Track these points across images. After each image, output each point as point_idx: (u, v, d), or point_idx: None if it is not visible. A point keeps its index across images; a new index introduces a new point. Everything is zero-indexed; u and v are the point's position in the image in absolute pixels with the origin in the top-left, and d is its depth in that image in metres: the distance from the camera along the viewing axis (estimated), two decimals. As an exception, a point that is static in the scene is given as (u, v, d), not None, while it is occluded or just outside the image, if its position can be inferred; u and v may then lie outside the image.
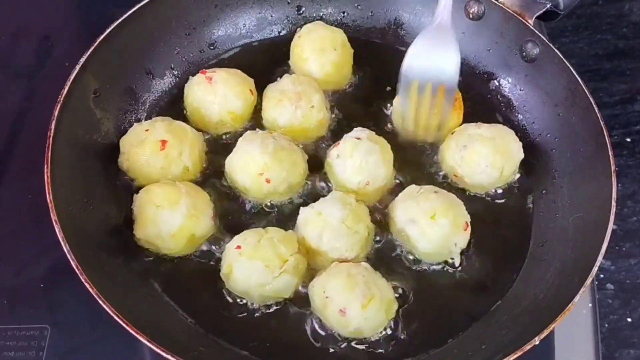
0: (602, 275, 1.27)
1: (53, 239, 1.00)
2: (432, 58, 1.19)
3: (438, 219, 1.10)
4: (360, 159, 1.16)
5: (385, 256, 1.16)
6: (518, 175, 1.26)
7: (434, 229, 1.10)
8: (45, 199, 1.02)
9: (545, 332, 0.96)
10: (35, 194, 1.25)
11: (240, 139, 1.20)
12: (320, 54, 1.31)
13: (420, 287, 1.13)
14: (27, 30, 1.56)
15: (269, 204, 1.20)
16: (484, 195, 1.23)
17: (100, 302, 0.94)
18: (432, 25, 1.20)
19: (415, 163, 1.27)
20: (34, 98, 1.43)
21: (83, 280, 0.95)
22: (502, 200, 1.23)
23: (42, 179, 1.04)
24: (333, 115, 1.31)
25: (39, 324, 1.12)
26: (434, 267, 1.15)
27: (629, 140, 1.48)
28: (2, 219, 1.26)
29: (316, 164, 1.24)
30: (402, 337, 1.08)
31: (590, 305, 1.19)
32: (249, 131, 1.22)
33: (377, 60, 1.35)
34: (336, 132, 1.29)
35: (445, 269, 1.15)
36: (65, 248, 0.98)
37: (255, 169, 1.16)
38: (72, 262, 0.97)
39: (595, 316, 1.18)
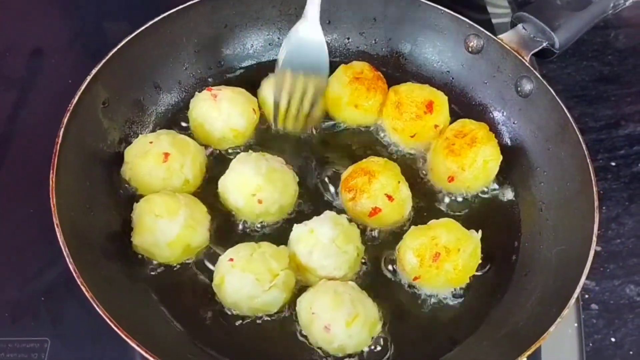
0: (587, 296, 1.28)
1: (55, 253, 1.01)
2: (305, 51, 1.24)
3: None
4: None
5: (373, 277, 1.19)
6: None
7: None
8: (47, 213, 1.04)
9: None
10: (36, 209, 1.27)
11: (233, 161, 1.22)
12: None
13: (404, 310, 1.16)
14: (19, 43, 1.57)
15: (260, 224, 1.23)
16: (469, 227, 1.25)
17: (95, 305, 0.97)
18: (302, 21, 1.25)
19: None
20: (25, 110, 1.44)
21: (79, 283, 0.98)
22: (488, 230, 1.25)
23: (44, 193, 1.05)
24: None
25: (39, 337, 1.14)
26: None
27: (613, 164, 1.48)
28: (4, 233, 1.27)
29: (305, 186, 1.28)
30: (385, 359, 1.10)
31: (575, 325, 1.21)
32: (242, 153, 1.25)
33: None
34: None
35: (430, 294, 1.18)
36: (65, 252, 1.00)
37: (248, 189, 1.18)
38: (70, 265, 1.00)
39: (581, 336, 1.20)
